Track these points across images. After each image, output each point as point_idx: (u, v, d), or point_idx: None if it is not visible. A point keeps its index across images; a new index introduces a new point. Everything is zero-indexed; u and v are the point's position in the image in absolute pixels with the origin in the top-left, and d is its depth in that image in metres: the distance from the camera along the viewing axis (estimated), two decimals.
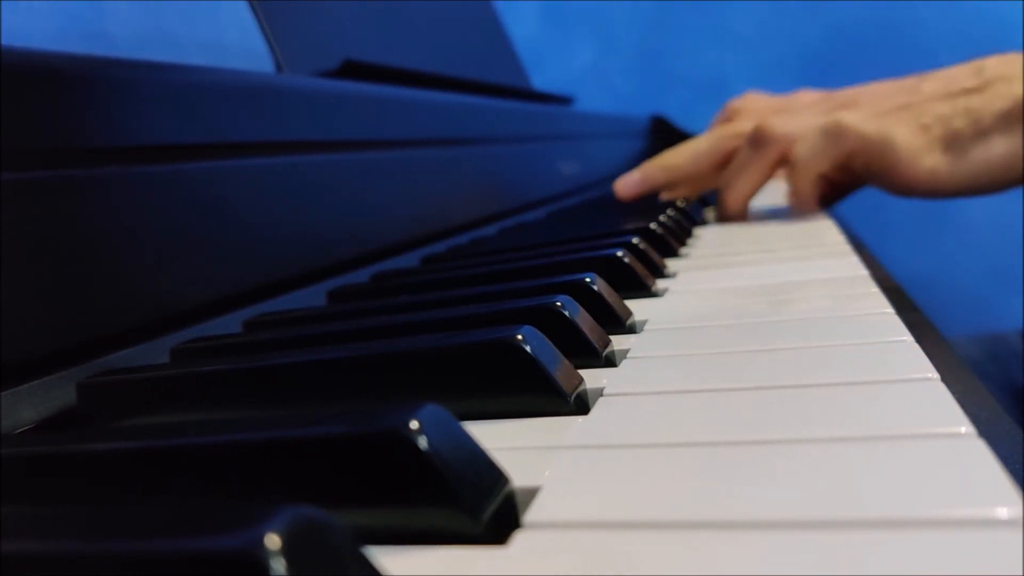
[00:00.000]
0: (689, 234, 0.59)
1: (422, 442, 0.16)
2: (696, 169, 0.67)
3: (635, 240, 0.43)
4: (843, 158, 0.57)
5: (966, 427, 0.18)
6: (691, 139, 0.69)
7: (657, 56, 1.76)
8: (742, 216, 0.63)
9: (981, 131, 0.54)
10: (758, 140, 0.60)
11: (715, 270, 0.43)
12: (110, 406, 0.26)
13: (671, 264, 0.46)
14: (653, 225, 0.50)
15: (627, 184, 0.68)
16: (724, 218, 0.64)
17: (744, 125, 0.64)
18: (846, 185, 0.66)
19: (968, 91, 0.55)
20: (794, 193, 0.60)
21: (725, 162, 0.65)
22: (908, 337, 0.25)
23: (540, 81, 1.44)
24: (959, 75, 0.57)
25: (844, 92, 0.64)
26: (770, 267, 0.41)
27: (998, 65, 0.55)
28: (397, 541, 0.16)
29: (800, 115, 0.62)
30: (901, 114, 0.56)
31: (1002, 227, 1.48)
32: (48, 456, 0.19)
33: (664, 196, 0.73)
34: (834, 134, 0.56)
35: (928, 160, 0.54)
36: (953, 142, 0.54)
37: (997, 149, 0.53)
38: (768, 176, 0.62)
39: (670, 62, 1.75)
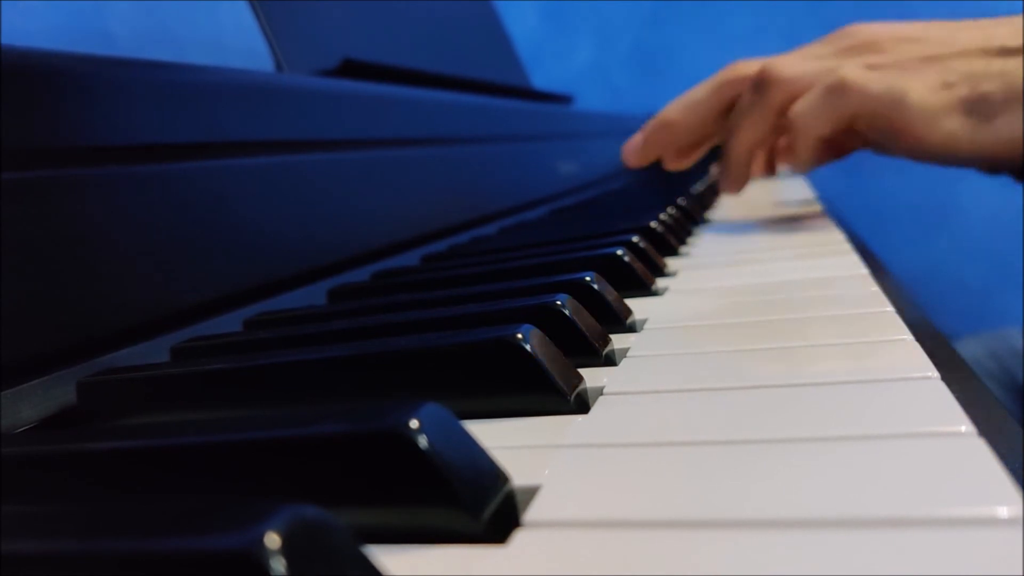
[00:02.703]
0: (689, 233, 0.59)
1: (422, 441, 0.16)
2: (697, 119, 0.59)
3: (635, 239, 0.43)
4: (846, 120, 0.51)
5: (966, 426, 0.18)
6: (691, 88, 0.61)
7: (656, 54, 1.76)
8: (746, 169, 0.57)
9: (1014, 97, 0.47)
10: (761, 83, 0.54)
11: (715, 269, 0.43)
12: (110, 405, 0.26)
13: (671, 263, 0.46)
14: (653, 224, 0.50)
15: (632, 149, 0.62)
16: (727, 171, 0.58)
17: (747, 68, 0.57)
18: (849, 145, 0.60)
19: (1007, 50, 0.48)
20: (792, 154, 0.55)
21: (729, 111, 0.58)
22: (908, 335, 0.25)
23: (540, 80, 1.44)
24: (1001, 29, 0.50)
25: (868, 31, 0.55)
26: (770, 266, 0.41)
27: None
28: (397, 540, 0.16)
29: (811, 60, 0.55)
30: (924, 67, 0.49)
31: (1002, 224, 1.48)
32: (48, 455, 0.19)
33: (670, 165, 0.65)
34: (837, 93, 0.50)
35: (947, 123, 0.48)
36: (978, 105, 0.48)
37: None
38: (773, 124, 0.55)
39: (669, 60, 1.75)
